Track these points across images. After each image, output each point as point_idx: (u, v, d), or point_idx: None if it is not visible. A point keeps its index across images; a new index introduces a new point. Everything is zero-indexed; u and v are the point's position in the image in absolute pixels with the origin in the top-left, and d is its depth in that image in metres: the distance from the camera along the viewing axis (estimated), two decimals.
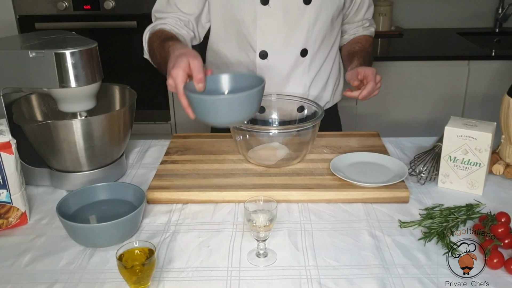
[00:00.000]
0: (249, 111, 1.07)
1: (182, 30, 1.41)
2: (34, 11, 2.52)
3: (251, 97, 1.05)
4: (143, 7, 2.48)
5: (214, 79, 1.12)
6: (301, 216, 1.13)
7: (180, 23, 1.42)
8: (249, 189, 1.18)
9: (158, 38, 1.33)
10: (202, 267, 0.97)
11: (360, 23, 1.59)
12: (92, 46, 1.16)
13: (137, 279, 0.88)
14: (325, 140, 1.40)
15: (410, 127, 2.52)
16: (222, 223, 1.11)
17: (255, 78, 1.11)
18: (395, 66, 2.47)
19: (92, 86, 1.20)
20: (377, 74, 1.31)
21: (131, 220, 1.04)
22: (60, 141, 1.17)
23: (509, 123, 1.25)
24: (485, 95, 2.48)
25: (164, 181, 1.23)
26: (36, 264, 0.99)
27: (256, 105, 1.08)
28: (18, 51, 1.14)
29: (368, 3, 1.56)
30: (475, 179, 1.19)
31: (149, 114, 2.70)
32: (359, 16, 1.57)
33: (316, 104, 1.35)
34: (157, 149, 1.46)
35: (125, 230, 1.04)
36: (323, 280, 0.93)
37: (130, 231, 1.06)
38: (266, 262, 0.98)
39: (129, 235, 1.05)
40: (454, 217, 1.08)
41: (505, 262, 0.95)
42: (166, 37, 1.31)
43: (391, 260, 0.98)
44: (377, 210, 1.15)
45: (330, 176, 1.23)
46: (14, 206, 1.10)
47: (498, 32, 2.89)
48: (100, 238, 1.02)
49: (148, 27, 1.43)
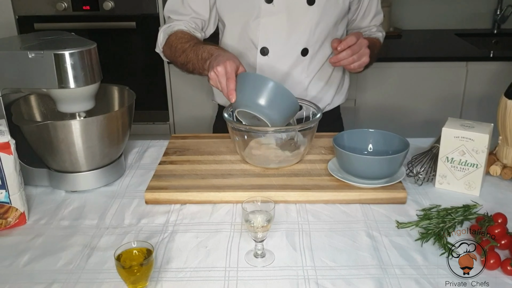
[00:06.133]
0: (293, 108, 1.23)
1: (197, 33, 1.49)
2: (33, 11, 2.52)
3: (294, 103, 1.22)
4: (142, 8, 2.48)
5: None
6: (299, 216, 1.13)
7: (196, 26, 1.50)
8: (247, 189, 1.18)
9: (188, 41, 1.42)
10: (200, 267, 0.98)
11: (366, 28, 1.59)
12: (91, 47, 1.17)
13: (135, 279, 0.88)
14: (323, 141, 1.40)
15: (407, 128, 2.53)
16: (220, 224, 1.11)
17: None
18: (393, 67, 2.47)
19: (91, 87, 1.20)
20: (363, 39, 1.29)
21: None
22: (59, 142, 1.18)
23: (506, 124, 1.25)
24: (483, 96, 2.49)
25: (163, 181, 1.23)
26: (34, 264, 0.99)
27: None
28: (17, 52, 1.15)
29: (376, 10, 1.56)
30: (472, 180, 1.20)
31: (147, 115, 2.70)
32: (365, 21, 1.57)
33: (315, 105, 1.35)
34: (156, 149, 1.46)
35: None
36: (321, 280, 0.93)
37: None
38: (264, 262, 0.98)
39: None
40: (451, 218, 1.09)
41: (502, 262, 0.95)
42: (199, 41, 1.45)
43: (388, 261, 0.99)
44: (375, 210, 1.15)
45: (328, 177, 1.23)
46: (13, 206, 1.10)
47: (496, 34, 2.89)
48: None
49: (164, 26, 1.50)
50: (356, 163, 1.18)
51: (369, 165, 1.18)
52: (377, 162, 1.18)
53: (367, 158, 1.22)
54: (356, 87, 2.49)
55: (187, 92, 2.62)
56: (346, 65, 1.31)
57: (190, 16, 1.49)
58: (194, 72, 1.40)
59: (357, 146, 1.27)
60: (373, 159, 1.20)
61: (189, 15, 1.49)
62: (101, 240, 1.06)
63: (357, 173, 1.19)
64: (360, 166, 1.18)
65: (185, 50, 1.40)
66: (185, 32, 1.45)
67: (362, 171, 1.18)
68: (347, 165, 1.20)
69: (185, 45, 1.40)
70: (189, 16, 1.49)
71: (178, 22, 1.48)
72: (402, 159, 1.19)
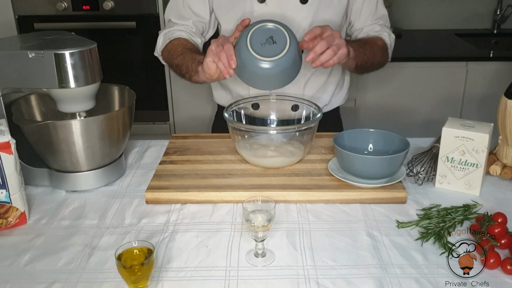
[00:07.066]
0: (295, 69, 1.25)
1: (197, 39, 1.49)
2: (33, 11, 2.52)
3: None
4: (142, 8, 2.48)
5: None
6: (299, 216, 1.13)
7: (196, 31, 1.50)
8: (248, 189, 1.18)
9: (186, 46, 1.42)
10: (200, 267, 0.98)
11: (369, 28, 1.52)
12: (91, 47, 1.17)
13: (135, 278, 0.88)
14: (323, 141, 1.40)
15: (408, 128, 2.53)
16: (221, 223, 1.11)
17: None
18: (393, 67, 2.47)
19: (91, 87, 1.20)
20: (329, 31, 1.22)
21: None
22: (59, 142, 1.18)
23: (506, 124, 1.25)
24: (483, 96, 2.49)
25: (163, 181, 1.23)
26: (35, 264, 0.99)
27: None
28: (18, 52, 1.15)
29: (372, 8, 1.50)
30: (472, 179, 1.20)
31: (148, 115, 2.70)
32: (360, 21, 1.50)
33: (315, 104, 1.35)
34: (156, 149, 1.47)
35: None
36: (321, 280, 0.94)
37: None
38: (264, 262, 0.99)
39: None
40: (451, 217, 1.09)
41: (502, 262, 0.95)
42: (197, 50, 1.45)
43: (389, 260, 0.99)
44: (375, 210, 1.15)
45: (328, 177, 1.23)
46: (13, 206, 1.10)
47: (496, 33, 2.89)
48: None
49: (165, 31, 1.50)
50: (357, 163, 1.18)
51: (369, 165, 1.18)
52: (377, 162, 1.18)
53: (367, 158, 1.22)
54: (356, 87, 2.49)
55: (187, 92, 2.62)
56: (325, 63, 1.21)
57: (191, 20, 1.49)
58: (186, 76, 1.40)
59: (357, 146, 1.27)
60: (373, 159, 1.21)
61: (190, 19, 1.49)
62: (101, 239, 1.06)
63: (358, 173, 1.19)
64: (361, 166, 1.18)
65: (182, 53, 1.40)
66: (185, 39, 1.46)
67: (362, 171, 1.18)
68: (347, 165, 1.20)
69: (184, 49, 1.41)
70: (190, 19, 1.49)
71: (178, 27, 1.48)
72: (402, 159, 1.19)
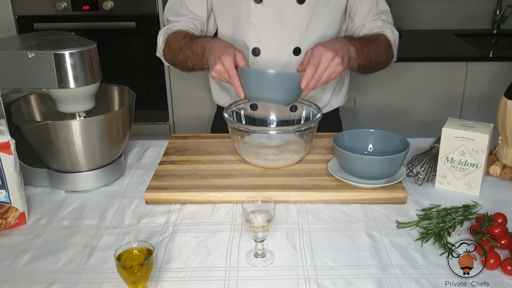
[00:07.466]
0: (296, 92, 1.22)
1: (195, 33, 1.47)
2: (33, 11, 2.52)
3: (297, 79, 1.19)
4: (141, 8, 2.48)
5: None
6: (299, 216, 1.13)
7: (194, 27, 1.49)
8: (247, 189, 1.18)
9: (184, 38, 1.40)
10: (200, 267, 0.98)
11: (371, 23, 1.46)
12: (91, 47, 1.17)
13: (135, 279, 0.88)
14: (323, 141, 1.40)
15: (407, 128, 2.53)
16: (220, 224, 1.11)
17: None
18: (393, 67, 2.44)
19: (91, 87, 1.20)
20: (325, 52, 1.15)
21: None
22: (59, 142, 1.18)
23: (506, 124, 1.25)
24: (483, 96, 2.49)
25: (163, 181, 1.23)
26: (34, 264, 0.99)
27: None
28: (17, 52, 1.15)
29: (371, 5, 1.45)
30: (472, 180, 1.20)
31: (147, 115, 2.70)
32: (359, 19, 1.46)
33: (315, 104, 1.35)
34: (156, 149, 1.46)
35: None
36: (321, 280, 0.94)
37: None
38: (264, 262, 0.99)
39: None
40: (451, 217, 1.09)
41: (502, 262, 0.95)
42: (194, 36, 1.41)
43: (388, 261, 0.99)
44: (375, 210, 1.15)
45: (328, 177, 1.23)
46: (12, 206, 1.10)
47: (496, 34, 2.89)
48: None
49: (163, 29, 1.49)
50: (356, 163, 1.18)
51: (369, 165, 1.18)
52: (377, 162, 1.18)
53: (367, 158, 1.22)
54: (356, 87, 2.49)
55: (187, 92, 2.62)
56: (317, 84, 1.19)
57: (187, 17, 1.49)
58: (195, 69, 1.40)
59: (357, 146, 1.27)
60: (373, 159, 1.20)
61: (187, 15, 1.49)
62: (101, 240, 1.06)
63: (357, 173, 1.19)
64: (360, 166, 1.18)
65: (181, 47, 1.39)
66: (181, 31, 1.44)
67: (362, 171, 1.18)
68: (347, 165, 1.20)
69: (181, 43, 1.39)
70: (187, 16, 1.49)
71: (176, 23, 1.48)
72: (402, 159, 1.19)
